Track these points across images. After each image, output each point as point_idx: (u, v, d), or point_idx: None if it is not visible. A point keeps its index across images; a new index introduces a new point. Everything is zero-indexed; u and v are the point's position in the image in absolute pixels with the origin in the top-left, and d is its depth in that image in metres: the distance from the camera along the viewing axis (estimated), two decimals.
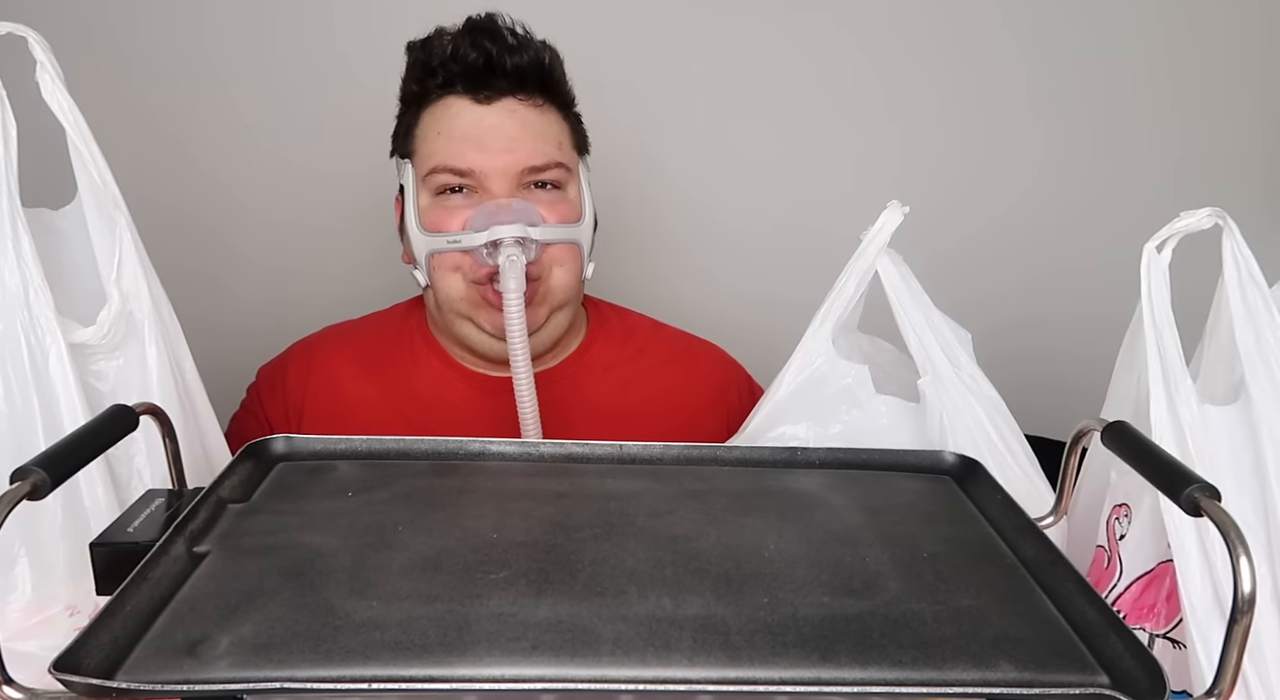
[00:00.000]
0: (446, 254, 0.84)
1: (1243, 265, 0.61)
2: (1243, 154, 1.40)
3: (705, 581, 0.51)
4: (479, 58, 0.83)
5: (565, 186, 0.87)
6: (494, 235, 0.80)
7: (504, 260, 0.79)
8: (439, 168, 0.84)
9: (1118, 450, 0.56)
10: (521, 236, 0.81)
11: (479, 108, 0.84)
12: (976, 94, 1.36)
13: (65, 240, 0.70)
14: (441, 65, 0.84)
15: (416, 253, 0.86)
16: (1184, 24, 1.35)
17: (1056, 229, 1.41)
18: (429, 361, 0.93)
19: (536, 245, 0.82)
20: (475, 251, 0.82)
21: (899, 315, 0.75)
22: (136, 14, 1.24)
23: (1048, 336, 1.40)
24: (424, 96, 0.87)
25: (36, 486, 0.44)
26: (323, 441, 0.66)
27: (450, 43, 0.84)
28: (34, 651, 0.59)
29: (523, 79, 0.84)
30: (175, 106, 1.27)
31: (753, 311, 1.38)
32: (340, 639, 0.44)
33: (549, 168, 0.85)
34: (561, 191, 0.87)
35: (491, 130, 0.83)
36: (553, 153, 0.86)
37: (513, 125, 0.84)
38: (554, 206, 0.85)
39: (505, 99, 0.84)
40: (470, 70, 0.83)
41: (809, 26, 1.32)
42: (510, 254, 0.79)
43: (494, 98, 0.84)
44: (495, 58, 0.83)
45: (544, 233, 0.83)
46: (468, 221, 0.83)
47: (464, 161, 0.83)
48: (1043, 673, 0.45)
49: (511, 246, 0.80)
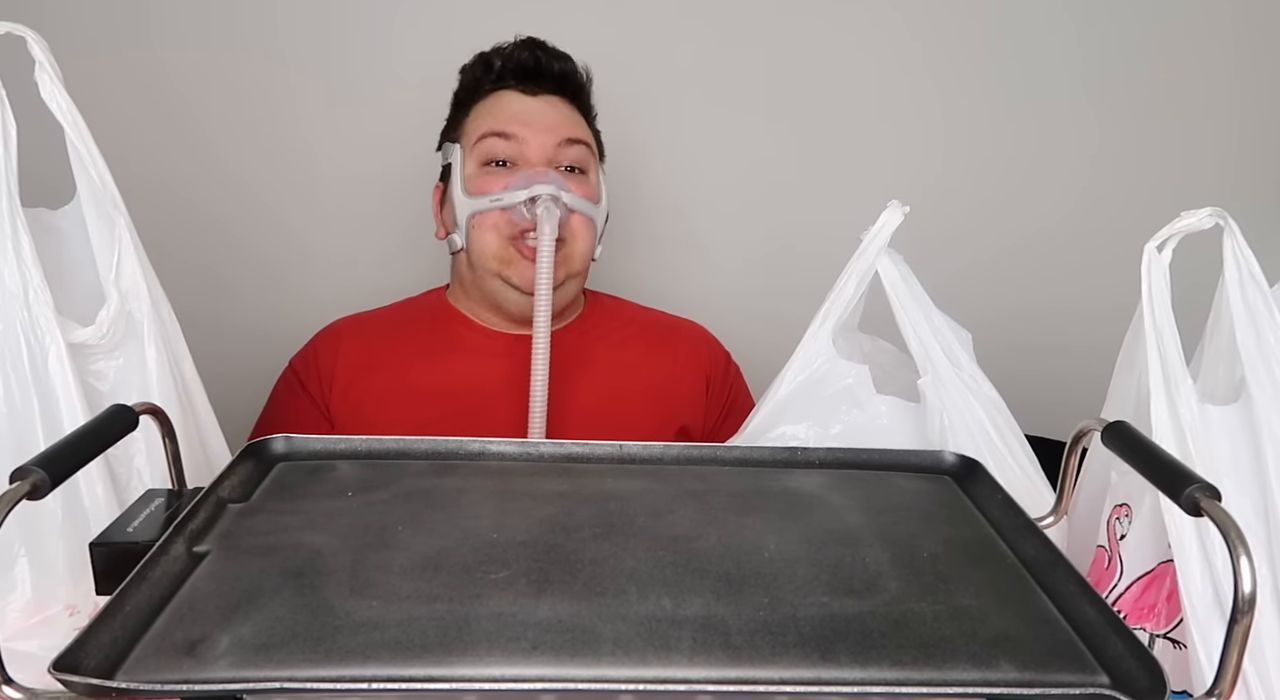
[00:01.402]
0: (487, 213, 0.96)
1: (1243, 265, 0.61)
2: (1243, 154, 1.40)
3: (705, 581, 0.51)
4: (530, 59, 1.01)
5: (589, 172, 1.02)
6: (534, 191, 0.93)
7: (541, 209, 0.92)
8: (488, 132, 0.98)
9: (1118, 450, 0.56)
10: (556, 195, 0.93)
11: (526, 98, 1.00)
12: (977, 95, 1.36)
13: (64, 240, 0.70)
14: (501, 61, 1.01)
15: (459, 216, 0.98)
16: (1185, 24, 1.35)
17: (1056, 229, 1.41)
18: (449, 323, 1.06)
19: (565, 208, 0.94)
20: (514, 209, 0.95)
21: (899, 315, 0.75)
22: (136, 14, 1.24)
23: (1048, 336, 1.40)
24: (477, 91, 1.02)
25: (36, 486, 0.44)
26: (323, 441, 0.66)
27: (509, 48, 1.02)
28: (34, 651, 0.59)
29: (563, 82, 1.02)
30: (176, 106, 1.27)
31: (753, 312, 1.38)
32: (340, 639, 0.44)
33: (580, 142, 1.00)
34: (585, 176, 1.01)
35: (536, 113, 0.99)
36: (583, 133, 1.02)
37: (553, 112, 1.00)
38: (579, 185, 0.99)
39: (547, 95, 1.01)
40: (522, 67, 1.01)
41: (810, 26, 1.32)
42: (547, 205, 0.92)
43: (539, 92, 1.01)
44: (544, 62, 1.01)
45: (573, 200, 0.96)
46: (509, 184, 0.96)
47: (511, 130, 0.97)
48: (1043, 673, 0.45)
49: (548, 200, 0.92)
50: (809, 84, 1.34)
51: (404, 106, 1.29)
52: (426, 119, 1.08)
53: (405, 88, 1.28)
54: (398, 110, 1.29)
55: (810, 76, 1.34)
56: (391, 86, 1.29)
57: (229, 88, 1.27)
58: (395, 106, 1.29)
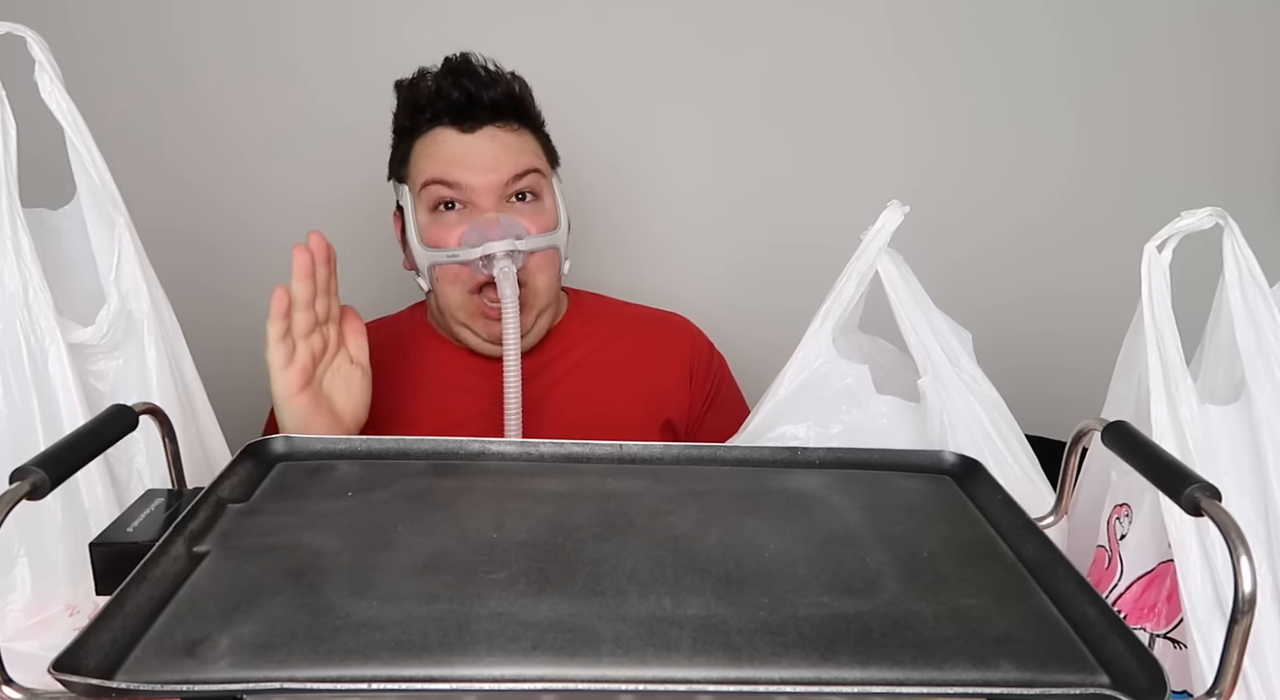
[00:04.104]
0: (446, 266, 0.95)
1: (1243, 265, 0.61)
2: (1244, 154, 1.40)
3: (705, 581, 0.51)
4: (460, 95, 0.95)
5: (542, 195, 0.99)
6: (487, 250, 0.92)
7: (498, 272, 0.91)
8: (431, 180, 0.95)
9: (1118, 450, 0.56)
10: (510, 249, 0.92)
11: (463, 136, 0.96)
12: (979, 95, 1.36)
13: (64, 240, 0.70)
14: (429, 102, 0.96)
15: (419, 263, 0.97)
16: (1185, 25, 1.35)
17: (1057, 229, 1.41)
18: (433, 346, 1.05)
19: (523, 255, 0.93)
20: (471, 264, 0.93)
21: (899, 315, 0.75)
22: (137, 14, 1.24)
23: (1048, 336, 1.40)
24: (415, 129, 0.98)
25: (36, 486, 0.44)
26: (323, 441, 0.66)
27: (434, 83, 0.96)
28: (34, 651, 0.59)
29: (499, 109, 0.96)
30: (176, 106, 1.27)
31: (753, 312, 1.38)
32: (340, 639, 0.44)
33: (527, 174, 0.96)
34: (540, 202, 0.98)
35: (476, 153, 0.95)
36: (530, 161, 0.97)
37: (494, 147, 0.96)
38: (535, 218, 0.96)
39: (486, 127, 0.96)
40: (454, 106, 0.95)
41: (811, 26, 1.32)
42: (503, 266, 0.91)
43: (476, 127, 0.96)
44: (474, 93, 0.95)
45: (529, 243, 0.94)
46: (462, 237, 0.93)
47: (453, 177, 0.94)
48: (1043, 673, 0.45)
49: (503, 259, 0.91)
50: (808, 85, 1.34)
51: None
52: None
53: None
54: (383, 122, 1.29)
55: (810, 78, 1.34)
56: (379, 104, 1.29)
57: (230, 88, 1.27)
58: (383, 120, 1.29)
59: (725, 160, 1.36)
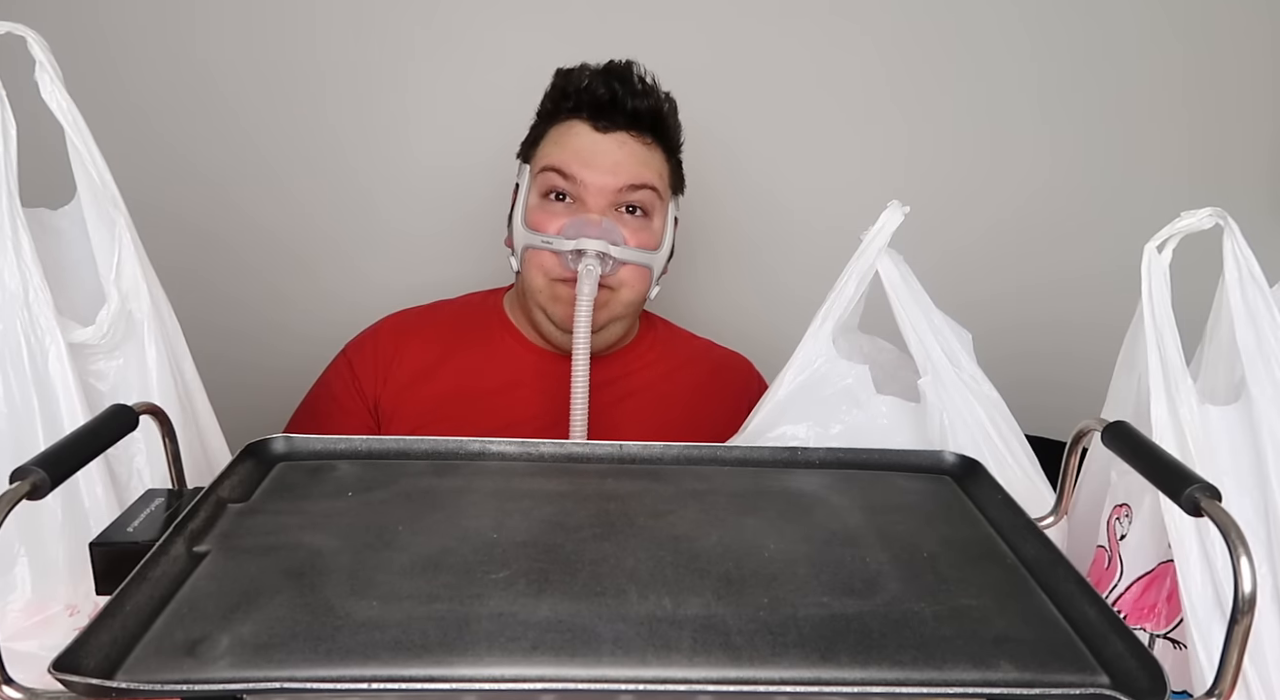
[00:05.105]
0: (539, 251, 0.97)
1: (1243, 265, 0.61)
2: (1244, 154, 1.40)
3: (705, 581, 0.51)
4: (606, 94, 0.96)
5: (652, 215, 0.99)
6: (580, 245, 0.93)
7: (582, 268, 0.92)
8: (549, 166, 0.97)
9: (1118, 450, 0.56)
10: (603, 252, 0.93)
11: (595, 134, 0.97)
12: (980, 95, 1.36)
13: (64, 240, 0.70)
14: (575, 93, 0.98)
15: (516, 243, 1.00)
16: (1185, 26, 1.35)
17: (1057, 230, 1.41)
18: (503, 338, 1.07)
19: (614, 262, 0.94)
20: (562, 255, 0.95)
21: (899, 315, 0.75)
22: (137, 14, 1.24)
23: (1048, 336, 1.40)
24: (555, 114, 1.00)
25: (36, 486, 0.44)
26: (323, 441, 0.66)
27: (587, 77, 0.98)
28: (34, 651, 0.59)
29: (638, 119, 0.97)
30: (175, 106, 1.27)
31: (753, 311, 1.38)
32: (340, 639, 0.44)
33: (643, 188, 0.97)
34: (648, 219, 0.99)
35: (601, 153, 0.96)
36: (650, 177, 0.98)
37: (620, 153, 0.97)
38: (638, 233, 0.97)
39: (619, 132, 0.97)
40: (596, 102, 0.97)
41: (813, 26, 1.32)
42: (589, 264, 0.92)
43: (610, 129, 0.97)
44: (619, 97, 0.96)
45: (623, 253, 0.95)
46: (562, 228, 0.95)
47: (571, 170, 0.96)
48: (1043, 673, 0.45)
49: (592, 258, 0.92)
50: (807, 86, 1.34)
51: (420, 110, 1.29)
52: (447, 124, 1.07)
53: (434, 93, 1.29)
54: (403, 118, 1.29)
55: (808, 79, 1.34)
56: (398, 98, 1.29)
57: (235, 85, 1.27)
58: (400, 116, 1.29)
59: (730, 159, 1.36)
